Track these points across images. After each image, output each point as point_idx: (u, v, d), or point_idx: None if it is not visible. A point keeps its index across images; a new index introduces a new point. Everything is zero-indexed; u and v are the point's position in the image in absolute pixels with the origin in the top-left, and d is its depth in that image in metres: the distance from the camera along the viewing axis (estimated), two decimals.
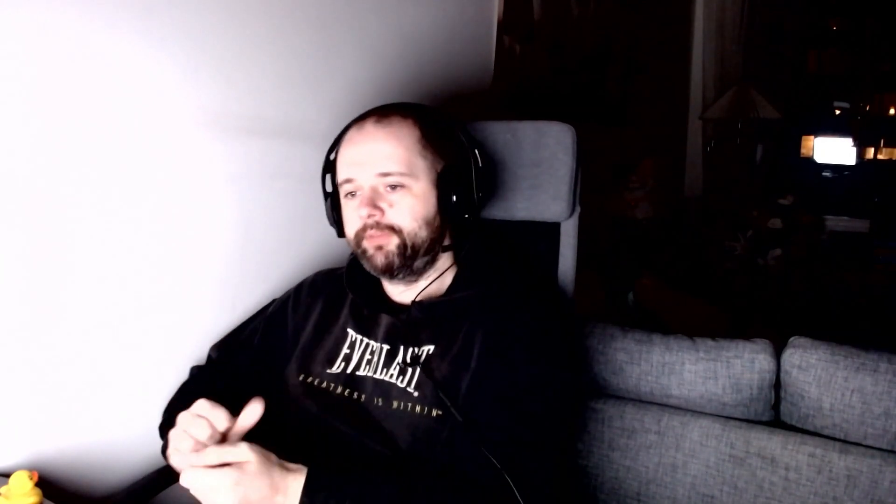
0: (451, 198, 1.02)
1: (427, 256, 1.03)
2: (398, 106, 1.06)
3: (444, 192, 1.02)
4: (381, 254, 1.00)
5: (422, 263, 1.03)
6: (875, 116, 5.24)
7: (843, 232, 4.04)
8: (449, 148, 1.05)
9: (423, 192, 1.01)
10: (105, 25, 1.01)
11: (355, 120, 1.06)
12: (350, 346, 1.05)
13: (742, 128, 4.11)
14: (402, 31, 1.55)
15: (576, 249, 1.26)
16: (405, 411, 0.96)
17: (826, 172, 5.24)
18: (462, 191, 1.03)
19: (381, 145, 1.00)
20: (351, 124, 1.06)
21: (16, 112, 0.94)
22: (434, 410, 0.94)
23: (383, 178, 0.99)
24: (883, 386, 1.13)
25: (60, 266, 1.01)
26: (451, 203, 1.02)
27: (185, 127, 1.15)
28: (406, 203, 0.99)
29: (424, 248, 1.01)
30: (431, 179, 1.02)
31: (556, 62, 2.84)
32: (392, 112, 1.03)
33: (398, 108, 1.05)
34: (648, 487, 1.29)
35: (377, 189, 1.00)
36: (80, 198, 1.02)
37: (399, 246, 0.99)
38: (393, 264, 1.00)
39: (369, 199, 0.99)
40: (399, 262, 1.00)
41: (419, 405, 0.95)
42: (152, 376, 1.15)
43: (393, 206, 0.99)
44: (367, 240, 1.00)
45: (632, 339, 1.32)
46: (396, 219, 0.99)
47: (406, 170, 0.99)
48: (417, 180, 1.00)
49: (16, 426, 0.99)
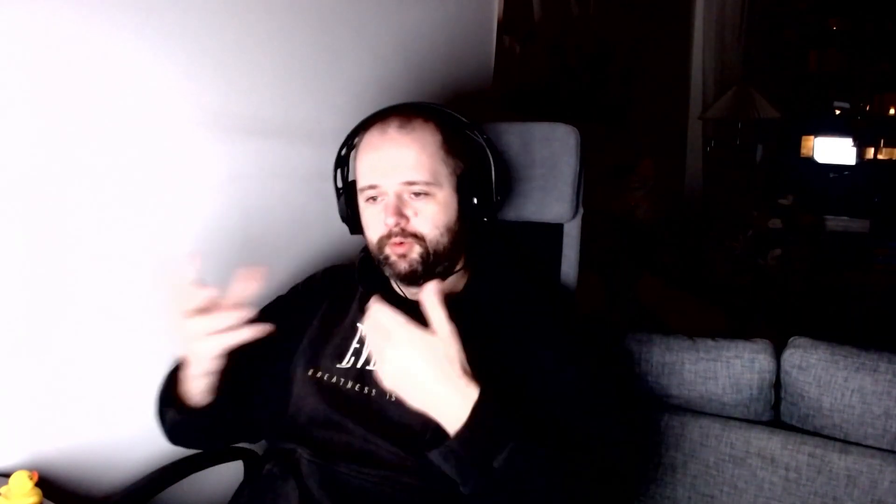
0: (473, 203, 1.02)
1: (447, 262, 1.03)
2: (419, 108, 1.05)
3: (466, 198, 1.02)
4: (404, 261, 0.99)
5: (441, 269, 1.03)
6: (875, 116, 5.23)
7: (843, 232, 4.04)
8: (467, 150, 1.06)
9: (445, 199, 1.00)
10: (105, 25, 1.01)
11: (375, 120, 1.03)
12: (360, 340, 1.05)
13: (742, 128, 4.11)
14: (402, 31, 1.55)
15: (578, 250, 1.26)
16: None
17: (826, 172, 5.24)
18: (482, 195, 1.03)
19: (406, 152, 0.98)
20: (370, 124, 1.03)
21: (15, 112, 0.94)
22: None
23: (409, 187, 0.98)
24: (883, 386, 1.13)
25: (60, 266, 1.01)
26: (473, 208, 1.02)
27: (185, 127, 1.15)
28: (430, 211, 0.99)
29: (445, 254, 1.01)
30: (453, 185, 1.01)
31: (556, 62, 2.84)
32: (414, 115, 1.02)
33: (419, 111, 1.04)
34: (648, 487, 1.29)
35: (402, 196, 0.99)
36: (80, 198, 1.02)
37: (422, 254, 0.99)
38: (416, 272, 1.00)
39: (395, 206, 0.98)
40: (422, 270, 1.00)
41: None
42: (152, 376, 1.15)
43: (418, 214, 0.99)
44: (390, 247, 1.00)
45: (632, 339, 1.32)
46: (421, 227, 0.99)
47: (431, 178, 0.99)
48: (441, 188, 1.00)
49: (16, 426, 0.99)
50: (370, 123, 1.04)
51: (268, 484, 0.97)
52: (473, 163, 1.06)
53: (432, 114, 1.04)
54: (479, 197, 1.02)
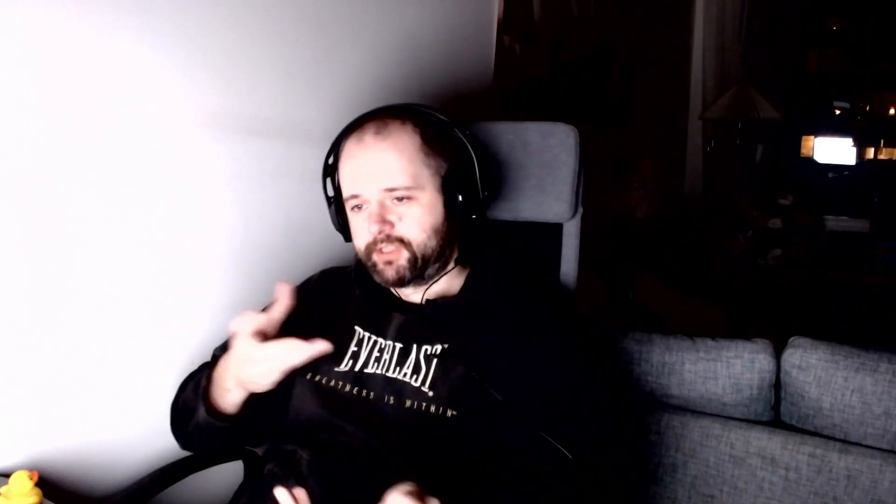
0: (458, 201, 1.01)
1: (438, 263, 1.03)
2: (394, 110, 1.04)
3: (451, 196, 1.01)
4: (391, 268, 0.99)
5: (433, 270, 1.03)
6: (875, 116, 5.23)
7: (843, 232, 4.03)
8: (449, 148, 1.05)
9: (429, 200, 1.00)
10: (105, 25, 1.01)
11: (352, 128, 1.03)
12: (357, 343, 1.05)
13: (742, 128, 4.11)
14: (402, 31, 1.55)
15: (578, 250, 1.26)
16: (418, 410, 0.95)
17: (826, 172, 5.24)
18: (467, 192, 1.02)
19: (384, 158, 0.98)
20: (348, 132, 1.03)
21: (15, 112, 0.94)
22: (449, 410, 0.94)
23: (390, 193, 0.98)
24: (883, 386, 1.13)
25: (60, 266, 1.01)
26: (458, 206, 1.01)
27: (185, 127, 1.15)
28: (414, 214, 0.99)
29: (434, 256, 1.01)
30: (436, 185, 1.01)
31: (556, 62, 2.84)
32: (389, 118, 1.01)
33: (395, 113, 1.03)
34: (648, 487, 1.29)
35: (384, 203, 0.99)
36: (80, 198, 1.02)
37: (409, 259, 0.99)
38: (404, 277, 1.00)
39: (378, 214, 0.98)
40: (410, 275, 1.00)
41: (434, 405, 0.95)
42: (152, 376, 1.15)
43: (402, 218, 0.99)
44: (376, 254, 1.00)
45: (632, 339, 1.32)
46: (406, 231, 0.99)
47: (412, 182, 0.98)
48: (424, 190, 0.99)
49: (16, 426, 0.99)
50: (349, 132, 1.03)
51: (268, 484, 0.97)
52: (457, 161, 1.04)
53: (409, 114, 1.03)
54: (464, 194, 1.01)
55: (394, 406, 0.97)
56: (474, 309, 1.03)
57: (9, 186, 0.94)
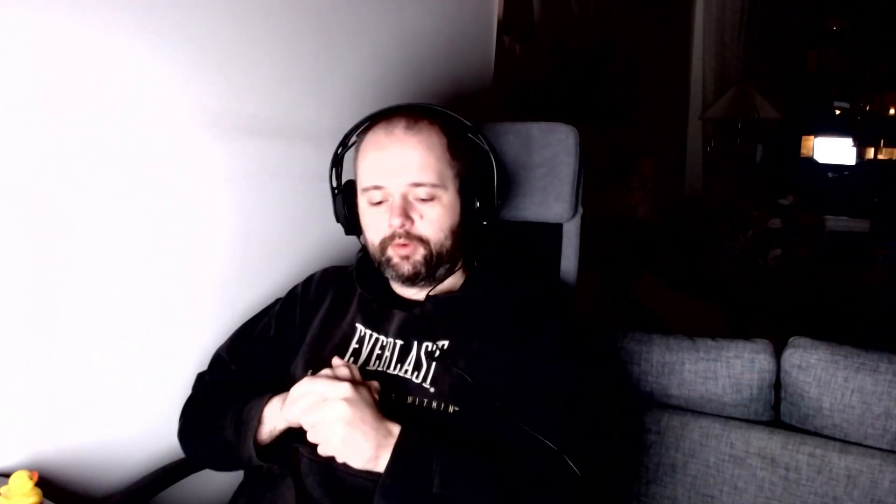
0: (475, 205, 1.02)
1: (448, 264, 1.03)
2: (424, 109, 1.04)
3: (468, 200, 1.02)
4: (407, 263, 1.00)
5: (444, 271, 1.03)
6: (875, 116, 5.24)
7: (843, 232, 4.04)
8: (470, 153, 1.06)
9: (450, 201, 1.01)
10: (105, 25, 1.01)
11: (379, 119, 1.03)
12: (359, 341, 1.05)
13: (742, 128, 4.11)
14: (402, 31, 1.55)
15: (578, 250, 1.26)
16: (420, 407, 0.96)
17: (826, 172, 5.24)
18: (484, 198, 1.03)
19: (413, 153, 0.98)
20: (374, 123, 1.03)
21: (15, 112, 0.94)
22: (451, 407, 0.95)
23: (415, 188, 0.98)
24: (883, 386, 1.13)
25: (60, 266, 1.01)
26: (474, 210, 1.02)
27: (185, 127, 1.14)
28: (435, 214, 0.99)
29: (448, 256, 1.02)
30: (456, 187, 1.02)
31: (556, 62, 2.84)
32: (420, 117, 1.02)
33: (425, 113, 1.03)
34: (648, 487, 1.29)
35: (407, 197, 0.99)
36: (80, 198, 1.02)
37: (425, 256, 1.00)
38: (419, 274, 1.00)
39: (401, 207, 0.98)
40: (424, 272, 1.00)
41: (435, 401, 0.95)
42: (152, 376, 1.15)
43: (423, 217, 0.99)
44: (393, 248, 1.00)
45: (632, 339, 1.32)
46: (425, 230, 0.99)
47: (437, 180, 0.99)
48: (446, 190, 1.00)
49: (16, 426, 0.99)
50: (374, 122, 1.03)
51: (267, 483, 0.97)
52: (475, 166, 1.06)
53: (436, 116, 1.04)
54: (480, 200, 1.02)
55: (394, 403, 0.97)
56: (475, 304, 1.03)
57: (9, 186, 0.94)
